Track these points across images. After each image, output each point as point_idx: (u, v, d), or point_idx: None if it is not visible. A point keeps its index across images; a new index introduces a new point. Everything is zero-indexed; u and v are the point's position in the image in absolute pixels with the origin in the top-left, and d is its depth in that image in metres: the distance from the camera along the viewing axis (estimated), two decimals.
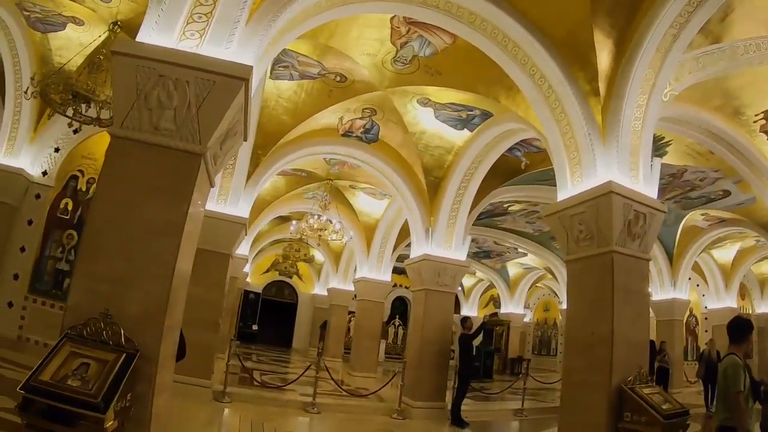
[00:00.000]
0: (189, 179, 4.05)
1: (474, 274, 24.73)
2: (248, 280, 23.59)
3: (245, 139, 5.14)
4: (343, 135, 10.05)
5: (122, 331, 3.48)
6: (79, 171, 9.89)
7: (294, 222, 13.38)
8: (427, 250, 9.95)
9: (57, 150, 9.73)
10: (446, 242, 9.99)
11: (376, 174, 10.81)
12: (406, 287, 24.74)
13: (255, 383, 9.40)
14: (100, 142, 9.52)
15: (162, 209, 3.94)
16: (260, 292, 24.61)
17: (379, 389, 9.78)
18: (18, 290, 9.20)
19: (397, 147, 10.04)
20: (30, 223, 9.51)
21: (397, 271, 21.93)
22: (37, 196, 9.62)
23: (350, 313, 19.94)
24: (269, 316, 24.52)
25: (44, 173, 9.73)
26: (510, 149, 9.38)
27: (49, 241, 9.57)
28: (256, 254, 23.18)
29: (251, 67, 4.11)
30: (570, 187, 5.98)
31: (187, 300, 8.24)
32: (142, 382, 3.58)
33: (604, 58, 5.80)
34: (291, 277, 24.86)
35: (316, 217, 12.67)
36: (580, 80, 5.97)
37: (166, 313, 3.78)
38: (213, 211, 8.96)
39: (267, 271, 24.54)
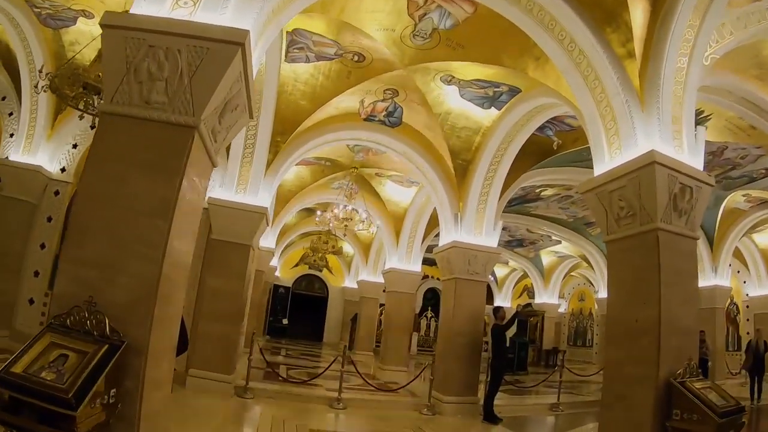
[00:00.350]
0: (181, 152, 3.70)
1: (507, 263, 24.10)
2: (277, 274, 23.53)
3: (251, 116, 4.79)
4: (365, 119, 9.64)
5: (107, 321, 3.16)
6: None
7: (319, 212, 13.04)
8: (456, 237, 9.47)
9: (75, 146, 9.79)
10: (476, 228, 9.49)
11: (401, 159, 10.38)
12: (437, 278, 24.31)
13: (279, 378, 9.09)
14: None
15: (153, 186, 3.62)
16: (290, 286, 24.51)
17: (408, 383, 9.39)
18: (38, 287, 9.22)
19: (421, 130, 9.56)
20: (49, 219, 9.57)
21: (428, 262, 21.43)
22: (56, 193, 9.71)
23: (381, 305, 19.53)
24: (299, 310, 24.42)
25: (62, 170, 9.80)
26: (541, 128, 8.81)
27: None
28: (285, 248, 23.09)
29: (247, 31, 3.72)
30: (608, 160, 5.42)
31: (206, 293, 8.13)
32: (130, 376, 3.28)
33: (638, 17, 5.22)
34: (321, 271, 24.69)
35: (341, 206, 12.30)
36: (613, 43, 5.40)
37: (156, 301, 3.43)
38: (231, 201, 8.77)
39: (296, 264, 24.40)
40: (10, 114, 9.76)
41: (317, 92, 8.62)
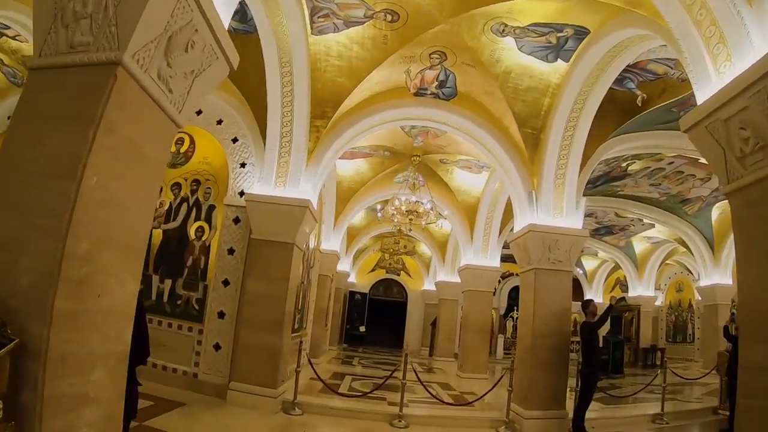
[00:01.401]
0: (98, 96, 2.78)
1: (596, 255, 21.79)
2: (352, 280, 22.74)
3: (229, 64, 3.79)
4: (415, 94, 8.46)
5: None
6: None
7: (379, 206, 11.93)
8: (533, 220, 8.01)
9: None
10: (555, 207, 7.98)
11: (465, 139, 9.09)
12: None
13: (333, 392, 8.02)
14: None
15: (66, 142, 2.76)
16: (367, 292, 23.61)
17: (483, 396, 7.98)
18: None
19: (480, 98, 8.20)
20: None
21: (511, 259, 19.86)
22: None
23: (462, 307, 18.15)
24: (378, 317, 23.46)
25: None
26: (620, 81, 7.20)
27: None
28: (359, 253, 22.28)
29: None
30: (715, 78, 3.83)
31: (246, 298, 7.13)
32: (27, 387, 2.42)
33: None
34: (398, 274, 23.62)
35: (402, 197, 11.12)
36: None
37: (58, 289, 2.53)
38: (269, 196, 7.92)
39: (373, 269, 23.50)
40: None
41: (354, 65, 7.55)
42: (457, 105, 8.42)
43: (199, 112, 9.00)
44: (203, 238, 8.56)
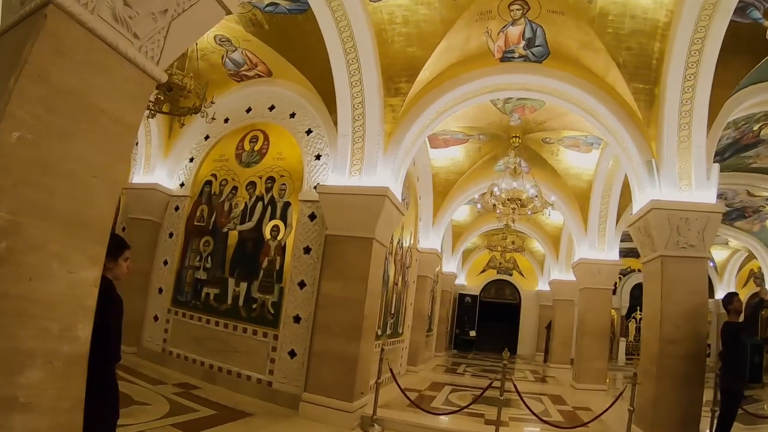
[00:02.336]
0: (24, 39, 2.30)
1: (726, 243, 18.59)
2: (461, 282, 21.60)
3: (224, 7, 3.08)
4: (501, 59, 7.31)
5: None
6: (213, 175, 9.11)
7: (476, 196, 10.72)
8: (654, 194, 6.51)
9: (192, 160, 9.46)
10: (681, 178, 6.41)
11: (560, 104, 7.76)
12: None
13: (419, 407, 7.02)
14: (227, 144, 9.08)
15: None
16: (477, 294, 22.25)
17: (600, 415, 6.52)
18: (162, 303, 8.88)
19: (577, 53, 6.80)
20: (171, 235, 9.26)
21: (632, 253, 17.58)
22: (176, 208, 9.34)
23: None
24: (489, 320, 22.02)
25: (182, 185, 9.46)
26: (741, 9, 5.47)
27: (188, 251, 9.00)
28: (468, 253, 21.14)
29: None
30: None
31: (321, 301, 6.43)
32: None
33: None
34: (510, 274, 22.06)
35: (502, 185, 9.88)
36: None
37: None
38: (343, 186, 7.25)
39: (483, 270, 22.15)
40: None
41: (423, 30, 6.60)
42: (550, 66, 7.12)
43: (271, 108, 8.74)
44: (278, 238, 8.08)
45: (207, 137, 9.37)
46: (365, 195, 7.09)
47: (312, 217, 7.79)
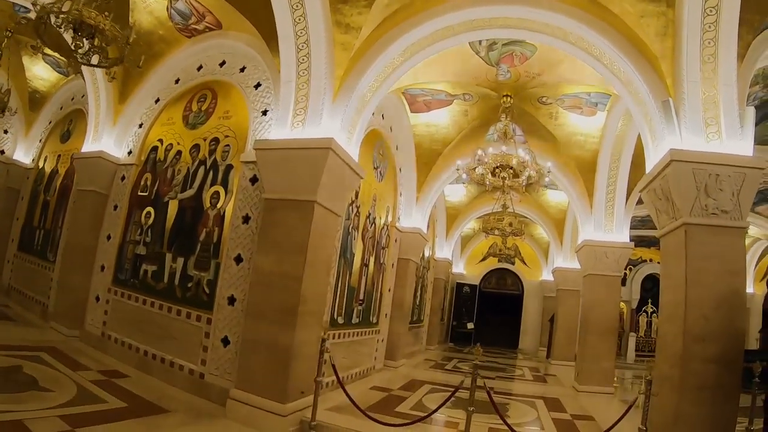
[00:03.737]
0: None
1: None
2: (460, 271, 20.10)
3: None
4: None
5: None
6: (159, 140, 7.94)
7: (460, 162, 9.12)
8: (675, 143, 4.96)
9: (141, 125, 8.48)
10: (708, 122, 4.84)
11: (550, 43, 6.20)
12: (657, 262, 18.41)
13: (366, 414, 5.53)
14: (177, 106, 7.92)
15: None
16: (477, 284, 20.69)
17: (609, 430, 4.96)
18: (104, 282, 7.86)
19: None
20: (116, 208, 8.21)
21: (644, 242, 15.98)
22: (123, 178, 8.31)
23: None
24: (489, 312, 20.46)
25: (129, 152, 8.47)
26: None
27: (130, 224, 7.79)
28: (467, 241, 19.69)
29: None
30: None
31: (253, 276, 5.84)
32: None
33: None
34: (513, 263, 20.49)
35: (489, 149, 8.31)
36: None
37: None
38: (283, 140, 5.92)
39: (483, 258, 20.58)
40: None
41: None
42: None
43: (222, 63, 7.61)
44: (218, 206, 6.76)
45: (157, 100, 8.29)
46: (306, 149, 5.73)
47: (254, 180, 6.50)
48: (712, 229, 4.76)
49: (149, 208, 7.57)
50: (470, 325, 19.36)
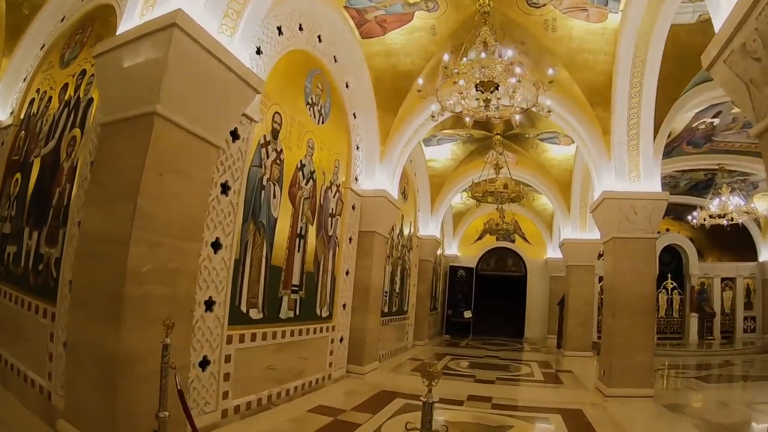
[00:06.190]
0: None
1: None
2: (453, 252, 17.73)
3: None
4: None
5: None
6: (36, 91, 6.31)
7: (419, 81, 6.50)
8: None
9: (25, 79, 6.83)
10: None
11: None
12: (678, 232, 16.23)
13: None
14: (58, 47, 6.15)
15: None
16: (473, 266, 18.20)
17: None
18: None
19: None
20: None
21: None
22: (2, 144, 6.76)
23: (602, 278, 12.53)
24: (489, 298, 17.99)
25: (12, 113, 6.86)
26: None
27: (2, 197, 6.12)
28: (460, 217, 17.33)
29: None
30: None
31: (80, 245, 3.93)
32: None
33: None
34: (513, 240, 18.02)
35: (465, 59, 5.74)
36: None
37: None
38: (125, 33, 3.76)
39: (479, 238, 18.11)
40: None
41: None
42: None
43: None
44: (73, 155, 4.74)
45: (43, 46, 6.56)
46: (147, 34, 3.50)
47: None
48: None
49: (18, 174, 5.91)
50: (468, 314, 16.86)
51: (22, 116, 6.50)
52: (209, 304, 4.30)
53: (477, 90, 5.60)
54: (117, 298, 3.16)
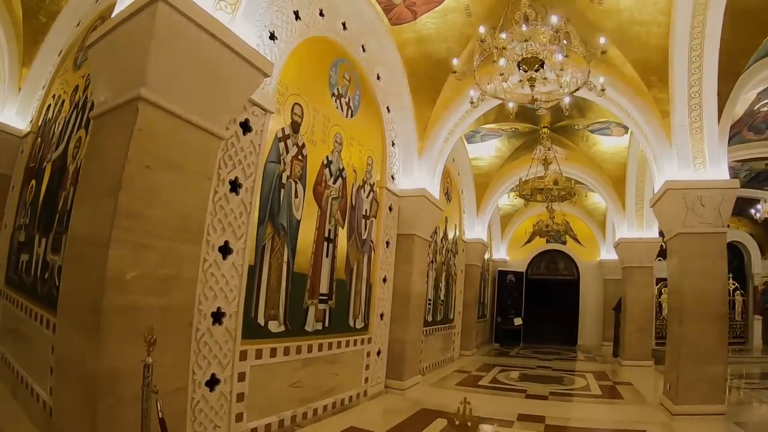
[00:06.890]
0: None
1: None
2: (501, 256, 16.95)
3: None
4: None
5: None
6: (53, 97, 6.25)
7: (455, 61, 5.77)
8: None
9: (44, 86, 6.85)
10: None
11: None
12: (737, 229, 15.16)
13: None
14: (72, 53, 6.10)
15: None
16: (523, 271, 17.31)
17: None
18: None
19: None
20: (14, 188, 6.75)
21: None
22: (22, 152, 6.85)
23: (661, 281, 11.57)
24: (540, 303, 17.06)
25: (31, 120, 6.92)
26: None
27: (20, 205, 6.21)
28: (507, 220, 16.60)
29: None
30: None
31: (68, 248, 3.53)
32: None
33: None
34: (564, 242, 17.05)
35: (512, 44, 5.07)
36: None
37: None
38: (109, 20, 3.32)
39: (529, 240, 17.21)
40: None
41: None
42: None
43: None
44: (78, 157, 4.62)
45: (60, 52, 6.66)
46: (133, 13, 3.08)
47: None
48: None
49: (33, 181, 5.87)
50: (518, 321, 16.00)
51: (39, 123, 6.43)
52: (217, 316, 3.82)
53: (519, 69, 4.97)
54: (94, 307, 2.73)
